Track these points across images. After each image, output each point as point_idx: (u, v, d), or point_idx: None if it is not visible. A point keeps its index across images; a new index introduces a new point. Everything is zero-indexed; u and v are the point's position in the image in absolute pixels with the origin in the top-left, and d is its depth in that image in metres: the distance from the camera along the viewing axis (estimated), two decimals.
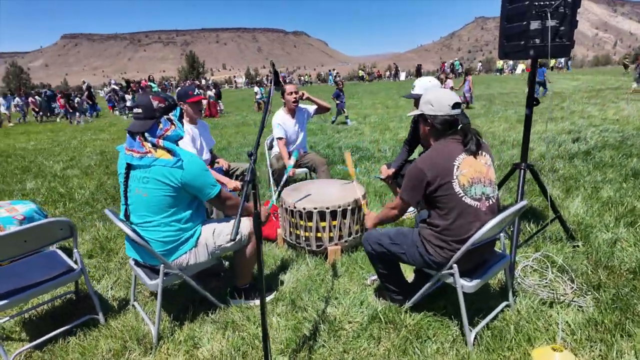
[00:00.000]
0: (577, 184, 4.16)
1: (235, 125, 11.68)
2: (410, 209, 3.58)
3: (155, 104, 1.99)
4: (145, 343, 2.08)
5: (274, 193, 4.07)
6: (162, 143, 1.98)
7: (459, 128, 1.93)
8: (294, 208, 2.86)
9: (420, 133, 2.11)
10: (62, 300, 2.54)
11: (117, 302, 2.52)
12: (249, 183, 1.45)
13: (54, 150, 8.83)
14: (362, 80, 39.38)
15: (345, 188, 3.14)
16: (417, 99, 2.70)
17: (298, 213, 2.85)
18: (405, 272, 2.33)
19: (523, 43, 2.37)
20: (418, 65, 26.63)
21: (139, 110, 1.98)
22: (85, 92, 18.21)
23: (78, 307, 2.45)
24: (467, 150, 1.88)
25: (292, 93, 4.00)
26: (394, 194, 3.57)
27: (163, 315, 2.30)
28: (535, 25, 2.31)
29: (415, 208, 3.30)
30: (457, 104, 1.93)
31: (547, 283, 2.42)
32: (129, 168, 2.02)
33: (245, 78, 58.81)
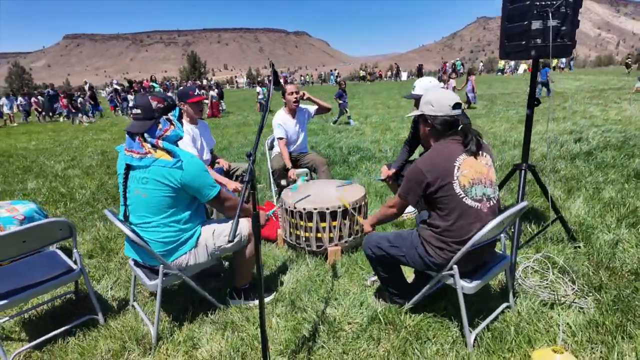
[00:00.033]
0: (578, 185, 4.15)
1: (237, 125, 11.69)
2: (411, 210, 3.58)
3: (154, 105, 1.98)
4: (145, 343, 2.08)
5: (274, 193, 4.06)
6: (161, 144, 1.98)
7: (460, 128, 1.92)
8: (294, 208, 2.85)
9: (421, 133, 2.10)
10: (62, 301, 2.55)
11: (116, 302, 2.51)
12: (248, 184, 1.45)
13: (56, 150, 8.85)
14: (363, 80, 39.33)
15: (346, 189, 3.13)
16: (417, 100, 2.69)
17: (298, 213, 2.84)
18: (406, 272, 2.32)
19: (524, 43, 2.36)
20: (419, 65, 26.61)
21: (138, 111, 1.98)
22: (88, 92, 18.25)
23: (78, 307, 2.45)
24: (467, 151, 1.87)
25: (292, 93, 3.99)
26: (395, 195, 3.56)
27: (162, 316, 2.29)
28: (537, 25, 2.30)
29: (415, 208, 3.29)
30: (457, 105, 1.92)
31: (548, 284, 2.41)
32: (129, 169, 2.02)
33: (247, 78, 58.86)
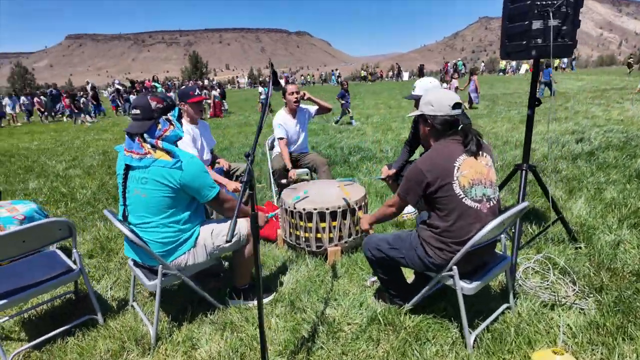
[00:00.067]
0: (580, 185, 4.13)
1: (238, 126, 11.70)
2: (411, 210, 3.57)
3: (154, 105, 1.98)
4: (144, 344, 2.07)
5: (275, 193, 4.06)
6: (160, 144, 1.97)
7: (460, 128, 1.91)
8: (294, 209, 2.85)
9: (420, 134, 2.09)
10: (61, 300, 2.55)
11: (116, 302, 2.52)
12: (247, 184, 1.45)
13: (57, 150, 8.87)
14: (364, 81, 39.29)
15: (346, 189, 3.13)
16: (417, 100, 2.68)
17: (298, 214, 2.84)
18: (406, 273, 2.32)
19: (525, 43, 2.35)
20: (420, 65, 26.54)
21: (137, 112, 1.98)
22: (90, 92, 18.29)
23: (77, 307, 2.46)
24: (467, 151, 1.86)
25: (293, 93, 3.99)
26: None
27: (161, 316, 2.29)
28: (538, 25, 2.29)
29: (415, 208, 3.29)
30: (457, 104, 1.91)
31: (548, 285, 2.40)
32: (128, 169, 2.02)
33: (248, 78, 58.92)
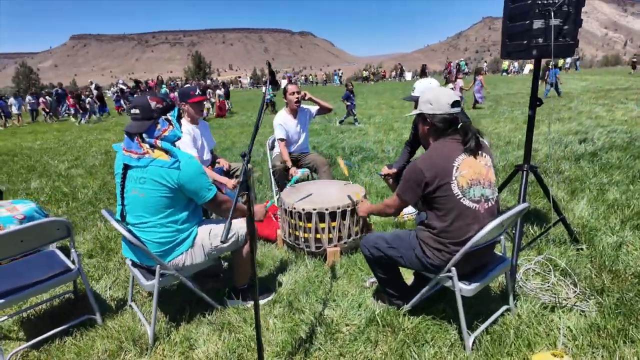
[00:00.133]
0: (582, 186, 4.10)
1: (240, 126, 11.71)
2: (412, 210, 3.55)
3: (153, 105, 1.98)
4: (141, 344, 2.07)
5: (275, 193, 4.05)
6: (159, 144, 1.97)
7: (459, 127, 1.89)
8: (293, 209, 2.84)
9: (420, 133, 2.08)
10: (60, 300, 2.55)
11: (114, 302, 2.52)
12: (242, 184, 1.44)
13: (60, 150, 8.91)
14: (366, 81, 39.22)
15: (346, 189, 3.12)
16: (417, 101, 2.66)
17: (297, 214, 2.83)
18: (405, 274, 2.30)
19: (526, 42, 2.32)
20: (423, 65, 26.38)
21: (137, 111, 1.97)
22: (95, 92, 18.35)
23: (76, 306, 2.46)
24: (466, 151, 1.84)
25: (294, 93, 3.98)
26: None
27: (159, 316, 2.29)
28: (539, 25, 2.27)
29: (415, 208, 3.27)
30: (456, 103, 1.90)
31: (549, 287, 2.38)
32: (126, 168, 2.02)
33: (251, 79, 59.02)
